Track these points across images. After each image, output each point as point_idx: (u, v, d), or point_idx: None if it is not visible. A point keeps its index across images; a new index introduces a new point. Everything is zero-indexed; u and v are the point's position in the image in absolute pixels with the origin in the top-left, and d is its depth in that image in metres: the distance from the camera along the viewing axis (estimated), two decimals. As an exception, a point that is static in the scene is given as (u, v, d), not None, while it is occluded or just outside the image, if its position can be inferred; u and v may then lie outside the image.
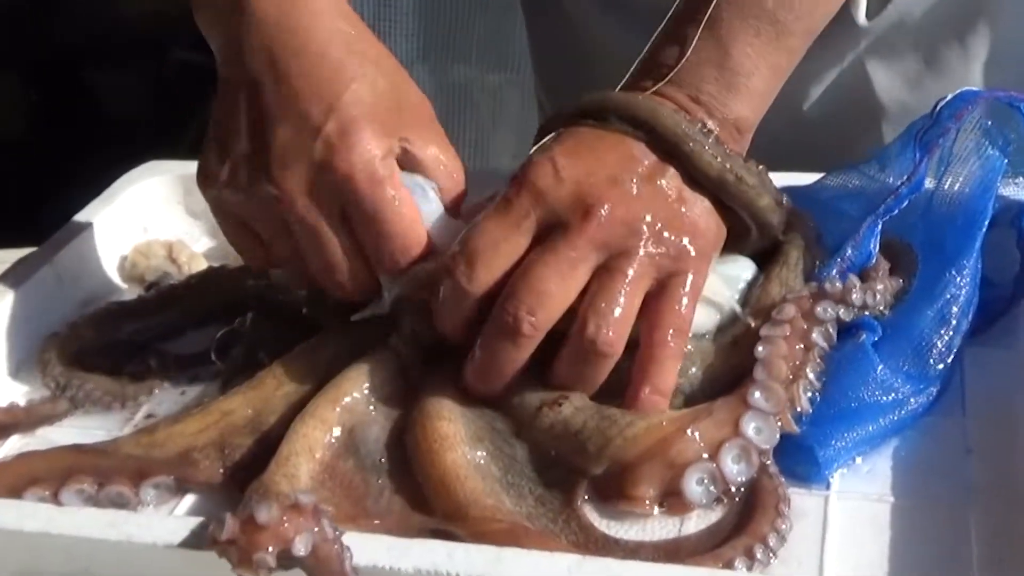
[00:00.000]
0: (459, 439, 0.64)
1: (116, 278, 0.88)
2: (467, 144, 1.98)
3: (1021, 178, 0.73)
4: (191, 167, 0.93)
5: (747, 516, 0.59)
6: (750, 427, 0.62)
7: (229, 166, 0.70)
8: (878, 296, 0.69)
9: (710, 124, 0.67)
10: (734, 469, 0.61)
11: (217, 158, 0.70)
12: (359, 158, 0.67)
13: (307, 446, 0.64)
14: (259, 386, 0.70)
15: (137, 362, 0.77)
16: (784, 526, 0.58)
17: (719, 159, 0.66)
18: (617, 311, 0.63)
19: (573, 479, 0.63)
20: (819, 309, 0.67)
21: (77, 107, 2.58)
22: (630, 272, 0.63)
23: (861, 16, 0.92)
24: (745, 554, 0.57)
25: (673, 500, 0.61)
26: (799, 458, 0.62)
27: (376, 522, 0.61)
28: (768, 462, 0.61)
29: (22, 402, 0.75)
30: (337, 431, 0.66)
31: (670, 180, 0.66)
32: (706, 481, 0.61)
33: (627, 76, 0.71)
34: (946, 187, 0.73)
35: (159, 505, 0.65)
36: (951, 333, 0.67)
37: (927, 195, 0.73)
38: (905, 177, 0.72)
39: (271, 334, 0.77)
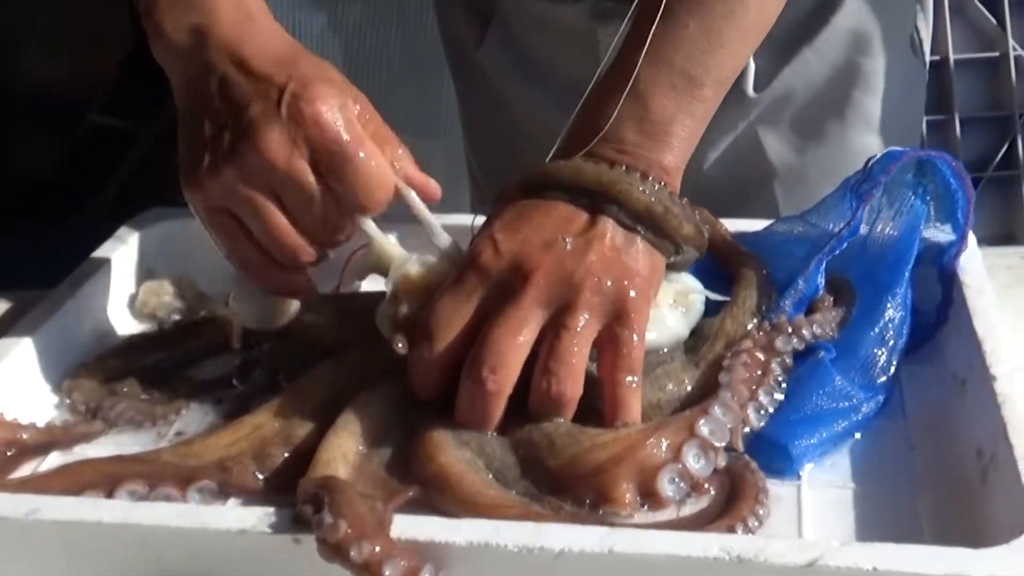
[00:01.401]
0: (447, 443, 0.72)
1: (127, 315, 0.95)
2: (392, 207, 2.06)
3: (939, 223, 0.86)
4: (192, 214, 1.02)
5: (731, 503, 0.69)
6: (705, 429, 0.71)
7: (210, 158, 0.76)
8: (825, 325, 0.81)
9: (638, 166, 0.76)
10: (696, 465, 0.70)
11: (197, 157, 0.76)
12: (323, 104, 0.74)
13: (342, 453, 0.73)
14: (284, 404, 0.79)
15: (163, 386, 0.85)
16: (762, 512, 0.68)
17: (646, 193, 0.75)
18: (565, 366, 0.71)
19: (535, 474, 0.71)
20: (778, 342, 0.78)
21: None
22: (573, 325, 0.71)
23: (750, 88, 1.06)
24: (727, 531, 0.66)
25: (651, 500, 0.69)
26: (774, 455, 0.73)
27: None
28: (749, 460, 0.71)
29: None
30: (364, 439, 0.74)
31: (601, 230, 0.74)
32: (676, 479, 0.70)
33: (558, 143, 0.81)
34: (878, 230, 0.85)
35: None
36: (890, 351, 0.80)
37: (862, 238, 0.85)
38: (845, 222, 0.84)
39: (288, 360, 0.85)
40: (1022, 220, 2.19)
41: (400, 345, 0.75)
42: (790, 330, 0.79)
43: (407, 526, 0.63)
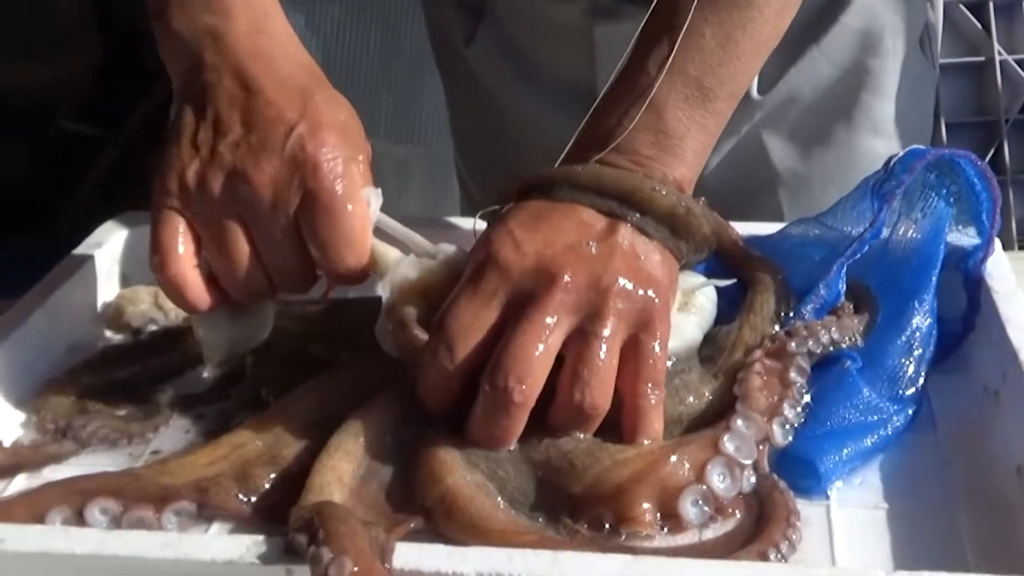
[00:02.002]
0: (455, 464, 0.67)
1: (100, 324, 0.89)
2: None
3: (963, 226, 0.82)
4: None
5: (761, 526, 0.64)
6: (730, 446, 0.67)
7: (199, 166, 0.73)
8: (845, 331, 0.76)
9: (654, 177, 0.72)
10: (721, 485, 0.65)
11: (185, 159, 0.74)
12: (328, 153, 0.72)
13: (336, 476, 0.67)
14: (268, 422, 0.73)
15: (139, 402, 0.79)
16: (795, 536, 0.63)
17: (669, 195, 0.72)
18: (597, 375, 0.67)
19: (554, 498, 0.66)
20: (791, 345, 0.74)
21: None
22: (604, 332, 0.67)
23: (754, 90, 1.02)
24: (759, 558, 0.61)
25: (671, 522, 0.65)
26: (800, 472, 0.68)
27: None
28: (777, 479, 0.66)
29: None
30: (361, 461, 0.68)
31: (623, 236, 0.70)
32: (700, 502, 0.65)
33: (568, 149, 0.76)
34: (900, 233, 0.81)
35: (182, 532, 0.66)
36: (918, 361, 0.75)
37: (883, 241, 0.80)
38: (865, 224, 0.80)
39: (273, 374, 0.79)
40: (1010, 225, 2.17)
41: (417, 332, 0.70)
42: (805, 333, 0.74)
43: (410, 556, 0.57)
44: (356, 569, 0.53)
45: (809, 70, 1.02)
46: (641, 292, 0.68)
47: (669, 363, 0.72)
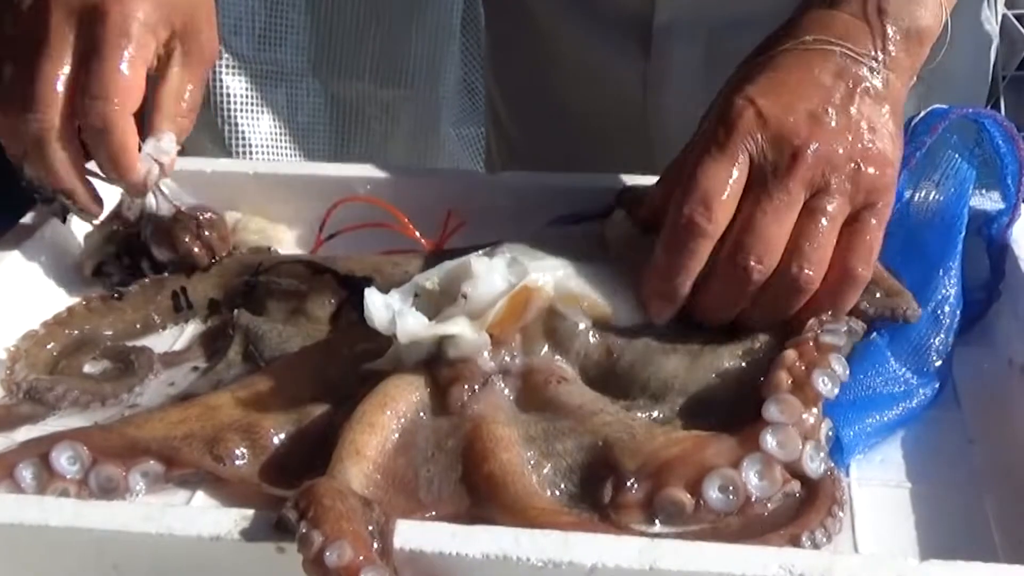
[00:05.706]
0: (514, 440, 0.63)
1: (77, 273, 0.83)
2: (358, 158, 1.95)
3: (986, 189, 0.78)
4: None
5: (801, 509, 0.59)
6: (772, 442, 0.61)
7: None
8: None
9: (891, 34, 0.70)
10: (756, 483, 0.60)
11: None
12: (127, 8, 0.71)
13: (355, 449, 0.62)
14: (250, 386, 0.69)
15: (119, 358, 0.74)
16: (835, 527, 0.58)
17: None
18: (818, 251, 0.66)
19: (603, 475, 0.62)
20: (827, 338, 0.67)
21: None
22: (830, 209, 0.67)
23: None
24: (790, 542, 0.57)
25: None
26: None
27: (432, 513, 0.60)
28: (833, 465, 0.62)
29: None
30: (389, 433, 0.64)
31: (861, 107, 0.68)
32: (730, 489, 0.60)
33: None
34: (922, 195, 0.77)
35: (148, 495, 0.63)
36: (945, 332, 0.71)
37: (903, 204, 0.77)
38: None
39: (267, 331, 0.75)
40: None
41: None
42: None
43: (411, 535, 0.54)
44: (361, 559, 0.49)
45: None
46: (871, 173, 0.67)
47: None
